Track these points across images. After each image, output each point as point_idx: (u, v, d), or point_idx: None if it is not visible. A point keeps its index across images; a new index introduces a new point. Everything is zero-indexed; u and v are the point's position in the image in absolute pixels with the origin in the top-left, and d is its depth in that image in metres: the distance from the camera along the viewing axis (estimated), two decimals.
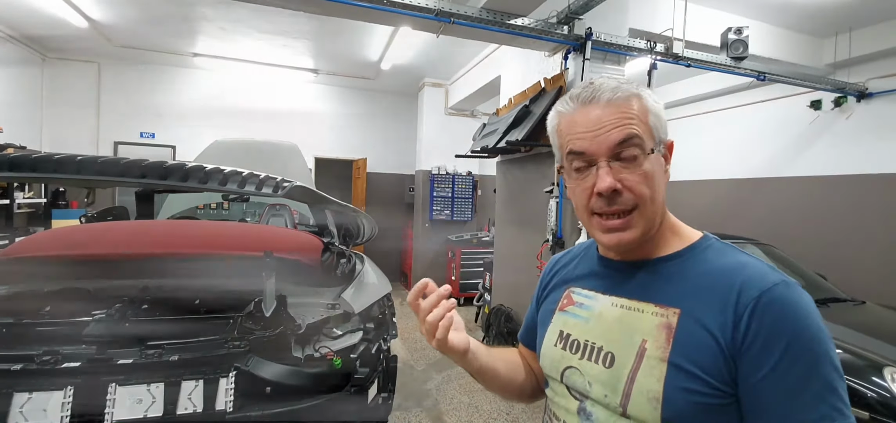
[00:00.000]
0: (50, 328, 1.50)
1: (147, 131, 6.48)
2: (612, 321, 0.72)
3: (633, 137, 0.65)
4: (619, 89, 0.68)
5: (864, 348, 2.31)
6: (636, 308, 0.70)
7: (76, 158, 1.28)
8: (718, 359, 0.61)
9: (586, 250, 0.85)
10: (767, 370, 0.58)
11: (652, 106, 0.69)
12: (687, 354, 0.62)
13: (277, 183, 1.47)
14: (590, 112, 0.68)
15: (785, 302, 0.60)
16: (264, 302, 1.63)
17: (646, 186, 0.66)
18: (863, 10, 3.95)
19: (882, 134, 4.22)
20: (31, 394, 1.26)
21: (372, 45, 5.58)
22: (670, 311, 0.66)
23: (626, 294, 0.72)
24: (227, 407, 1.41)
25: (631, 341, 0.67)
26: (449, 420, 3.18)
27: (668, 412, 0.61)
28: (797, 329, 0.59)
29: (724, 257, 0.68)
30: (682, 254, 0.71)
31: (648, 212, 0.68)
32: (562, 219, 3.51)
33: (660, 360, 0.64)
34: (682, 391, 0.61)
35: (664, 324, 0.65)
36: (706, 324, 0.63)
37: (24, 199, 5.39)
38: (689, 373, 0.61)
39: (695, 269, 0.68)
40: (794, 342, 0.58)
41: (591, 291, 0.78)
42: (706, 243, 0.72)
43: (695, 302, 0.65)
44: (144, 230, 2.26)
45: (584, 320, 0.76)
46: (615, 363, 0.68)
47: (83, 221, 2.77)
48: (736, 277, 0.64)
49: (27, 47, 5.61)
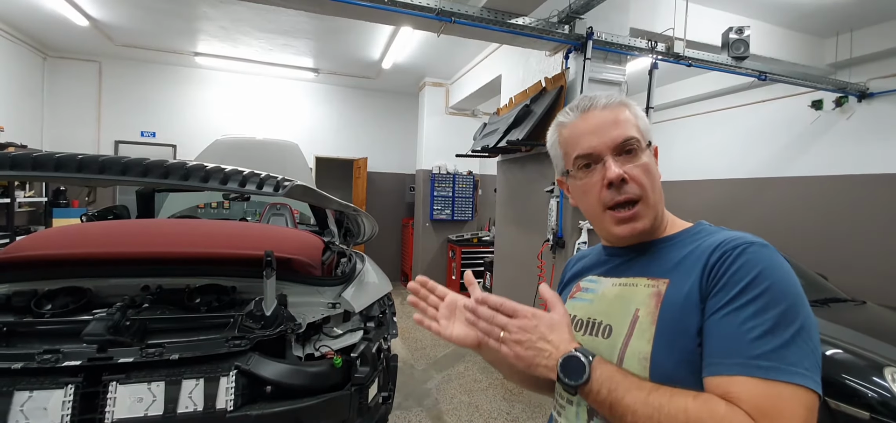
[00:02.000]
0: (50, 327, 1.50)
1: (148, 130, 6.48)
2: (612, 299, 0.78)
3: (631, 138, 0.75)
4: (612, 97, 0.78)
5: (864, 349, 2.31)
6: (632, 284, 0.76)
7: (77, 156, 1.28)
8: (697, 317, 0.64)
9: (598, 248, 0.92)
10: (729, 298, 0.61)
11: (638, 113, 0.79)
12: (673, 315, 0.67)
13: (278, 182, 1.47)
14: (589, 118, 0.77)
15: (757, 254, 0.63)
16: (265, 301, 1.62)
17: (646, 177, 0.74)
18: (864, 10, 3.95)
19: (883, 134, 4.22)
20: (31, 393, 1.26)
21: (373, 45, 5.57)
22: (660, 281, 0.72)
23: (624, 274, 0.79)
24: (228, 406, 1.41)
25: (627, 312, 0.73)
26: (449, 420, 3.19)
27: (656, 371, 0.65)
28: (765, 271, 0.61)
29: (714, 235, 0.72)
30: (676, 236, 0.78)
31: (651, 200, 0.75)
32: (562, 218, 3.51)
33: (650, 324, 0.69)
34: (668, 350, 0.66)
35: (654, 292, 0.71)
36: (689, 287, 0.67)
37: (24, 198, 5.39)
38: (674, 333, 0.66)
39: (687, 247, 0.74)
40: (756, 281, 0.60)
41: (596, 276, 0.86)
42: (699, 227, 0.78)
43: (682, 272, 0.70)
44: (145, 229, 2.26)
45: (588, 301, 0.83)
46: (612, 334, 0.74)
47: (84, 220, 2.77)
48: (716, 243, 0.68)
49: (28, 46, 5.62)
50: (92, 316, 1.49)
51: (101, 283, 1.74)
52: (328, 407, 1.56)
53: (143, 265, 1.83)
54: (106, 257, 1.81)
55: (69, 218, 5.57)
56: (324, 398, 1.55)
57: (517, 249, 4.36)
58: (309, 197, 1.75)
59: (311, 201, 2.20)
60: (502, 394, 3.57)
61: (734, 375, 0.58)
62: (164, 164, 1.36)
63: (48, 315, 1.53)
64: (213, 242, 2.02)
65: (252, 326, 1.60)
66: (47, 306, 1.57)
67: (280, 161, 3.81)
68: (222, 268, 1.87)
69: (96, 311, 1.55)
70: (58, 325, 1.50)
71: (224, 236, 2.16)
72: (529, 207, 4.10)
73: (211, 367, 1.45)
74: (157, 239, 2.06)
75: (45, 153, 1.28)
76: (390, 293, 2.37)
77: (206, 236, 2.13)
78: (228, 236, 2.16)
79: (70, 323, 1.50)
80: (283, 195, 1.45)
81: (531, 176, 4.11)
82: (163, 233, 2.19)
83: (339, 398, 1.60)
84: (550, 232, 3.57)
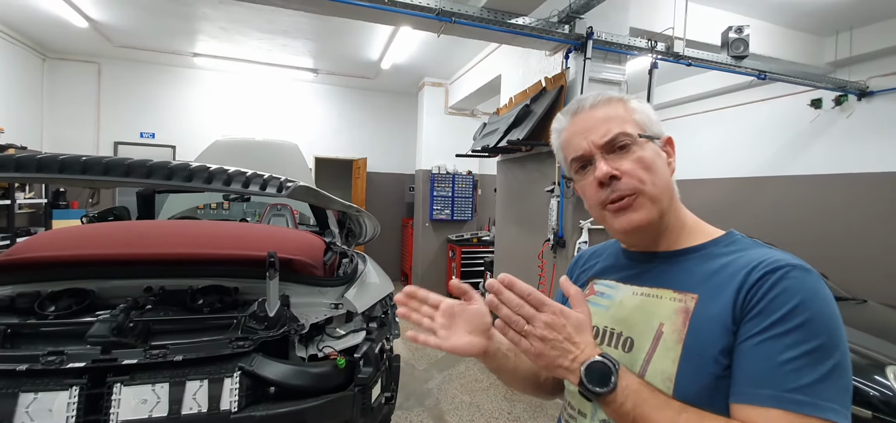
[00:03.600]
0: (54, 329, 1.50)
1: (147, 131, 6.47)
2: (632, 309, 0.73)
3: (619, 133, 0.72)
4: (600, 95, 0.76)
5: (866, 347, 2.32)
6: (656, 295, 0.72)
7: (81, 158, 1.28)
8: (728, 341, 0.61)
9: (612, 247, 0.87)
10: (766, 325, 0.57)
11: (635, 106, 0.75)
12: (702, 337, 0.63)
13: (281, 183, 1.47)
14: (578, 120, 0.76)
15: (799, 280, 0.59)
16: (268, 302, 1.62)
17: (642, 170, 0.71)
18: (863, 9, 3.95)
19: (883, 133, 4.23)
20: (36, 394, 1.26)
21: (372, 45, 5.57)
22: (688, 296, 0.67)
23: (646, 283, 0.75)
24: (232, 407, 1.41)
25: (649, 326, 0.69)
26: (450, 420, 3.19)
27: (680, 393, 0.62)
28: (806, 301, 0.57)
29: (749, 251, 0.68)
30: (705, 246, 0.73)
31: (650, 193, 0.71)
32: (563, 218, 3.51)
33: (676, 342, 0.65)
34: (695, 373, 0.62)
35: (682, 308, 0.67)
36: (721, 308, 0.63)
37: (24, 199, 5.39)
38: (703, 355, 0.62)
39: (717, 261, 0.69)
40: (797, 310, 0.56)
41: (613, 281, 0.81)
42: (731, 238, 0.73)
43: (713, 288, 0.65)
44: (147, 231, 2.26)
45: (604, 308, 0.78)
46: (634, 348, 0.70)
47: (84, 221, 2.77)
48: (753, 263, 0.63)
49: (27, 48, 5.61)
50: (95, 318, 1.49)
51: (104, 284, 1.74)
52: (332, 408, 1.56)
53: (146, 267, 1.83)
54: (108, 259, 1.81)
55: (69, 220, 5.57)
56: (327, 399, 1.55)
57: (517, 249, 4.36)
58: (312, 198, 1.76)
59: (314, 202, 2.20)
60: (503, 394, 3.57)
61: (767, 407, 0.55)
62: (168, 165, 1.37)
63: (52, 317, 1.53)
64: (216, 243, 2.02)
65: (255, 327, 1.60)
66: (51, 308, 1.57)
67: (280, 162, 3.81)
68: (225, 269, 1.87)
69: (100, 312, 1.55)
70: (62, 326, 1.50)
71: (226, 237, 2.16)
72: (529, 207, 4.11)
73: (215, 368, 1.45)
74: (160, 240, 2.05)
75: (49, 155, 1.28)
76: (392, 294, 2.37)
77: (209, 237, 2.12)
78: (231, 237, 2.15)
79: (74, 325, 1.50)
80: (287, 196, 1.45)
81: (531, 176, 4.12)
82: (165, 234, 2.19)
83: (343, 399, 1.60)
84: (551, 232, 3.57)
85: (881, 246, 4.15)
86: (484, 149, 4.23)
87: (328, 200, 1.84)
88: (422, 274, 6.82)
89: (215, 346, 1.50)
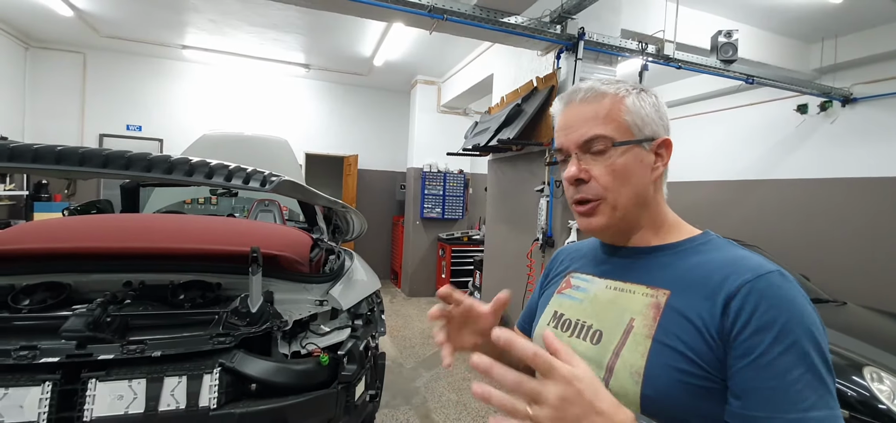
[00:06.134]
0: (28, 323, 1.46)
1: (134, 124, 6.36)
2: (605, 302, 0.74)
3: (596, 138, 0.71)
4: (592, 89, 0.73)
5: (845, 349, 2.36)
6: (629, 290, 0.72)
7: (56, 147, 1.25)
8: (702, 343, 0.61)
9: (592, 242, 0.88)
10: (757, 356, 0.57)
11: (630, 105, 0.71)
12: (672, 332, 0.63)
13: (265, 177, 1.45)
14: (568, 112, 0.75)
15: (778, 290, 0.59)
16: (250, 298, 1.60)
17: (611, 177, 0.71)
18: (848, 17, 4.02)
19: (866, 138, 4.31)
20: (6, 390, 1.23)
21: (364, 41, 5.54)
22: (660, 292, 0.68)
23: (620, 278, 0.75)
24: (211, 404, 1.39)
25: (620, 320, 0.70)
26: (437, 418, 3.18)
27: (649, 388, 0.62)
28: (790, 318, 0.57)
29: (722, 251, 0.68)
30: (680, 244, 0.73)
31: (614, 202, 0.71)
32: (552, 218, 3.52)
33: (645, 337, 0.65)
34: (664, 367, 0.62)
35: (653, 303, 0.67)
36: (693, 308, 0.63)
37: (4, 191, 5.26)
38: (673, 350, 0.62)
39: (691, 259, 0.70)
40: (786, 330, 0.57)
41: (590, 275, 0.81)
42: (706, 238, 0.73)
43: (685, 287, 0.66)
44: (128, 224, 2.21)
45: (578, 301, 0.79)
46: (602, 341, 0.70)
47: (66, 214, 2.71)
48: (729, 267, 0.64)
49: (9, 36, 5.48)
50: (71, 312, 1.45)
51: (81, 278, 1.70)
52: (314, 405, 1.54)
53: (126, 261, 1.79)
54: (87, 252, 1.76)
55: (51, 212, 5.45)
56: (310, 397, 1.54)
57: (507, 248, 4.37)
58: (297, 193, 1.74)
59: (299, 197, 2.17)
60: None
61: None
62: (148, 156, 1.34)
63: (25, 311, 1.49)
64: (199, 237, 1.99)
65: (237, 323, 1.57)
66: (25, 302, 1.53)
67: (269, 157, 3.77)
68: (207, 264, 1.84)
69: (76, 307, 1.52)
70: (36, 321, 1.46)
71: (210, 231, 2.13)
72: (519, 207, 4.11)
73: (194, 364, 1.42)
74: (141, 234, 2.02)
75: (22, 144, 1.24)
76: (379, 291, 2.35)
77: (192, 231, 2.09)
78: (214, 232, 2.12)
79: (48, 319, 1.46)
80: (271, 191, 1.43)
81: (521, 175, 4.12)
82: (147, 228, 2.15)
83: (326, 397, 1.58)
84: (540, 231, 3.58)
85: (861, 250, 4.24)
86: (475, 147, 4.23)
87: (313, 195, 1.82)
88: (411, 272, 6.80)
89: (195, 342, 1.48)
